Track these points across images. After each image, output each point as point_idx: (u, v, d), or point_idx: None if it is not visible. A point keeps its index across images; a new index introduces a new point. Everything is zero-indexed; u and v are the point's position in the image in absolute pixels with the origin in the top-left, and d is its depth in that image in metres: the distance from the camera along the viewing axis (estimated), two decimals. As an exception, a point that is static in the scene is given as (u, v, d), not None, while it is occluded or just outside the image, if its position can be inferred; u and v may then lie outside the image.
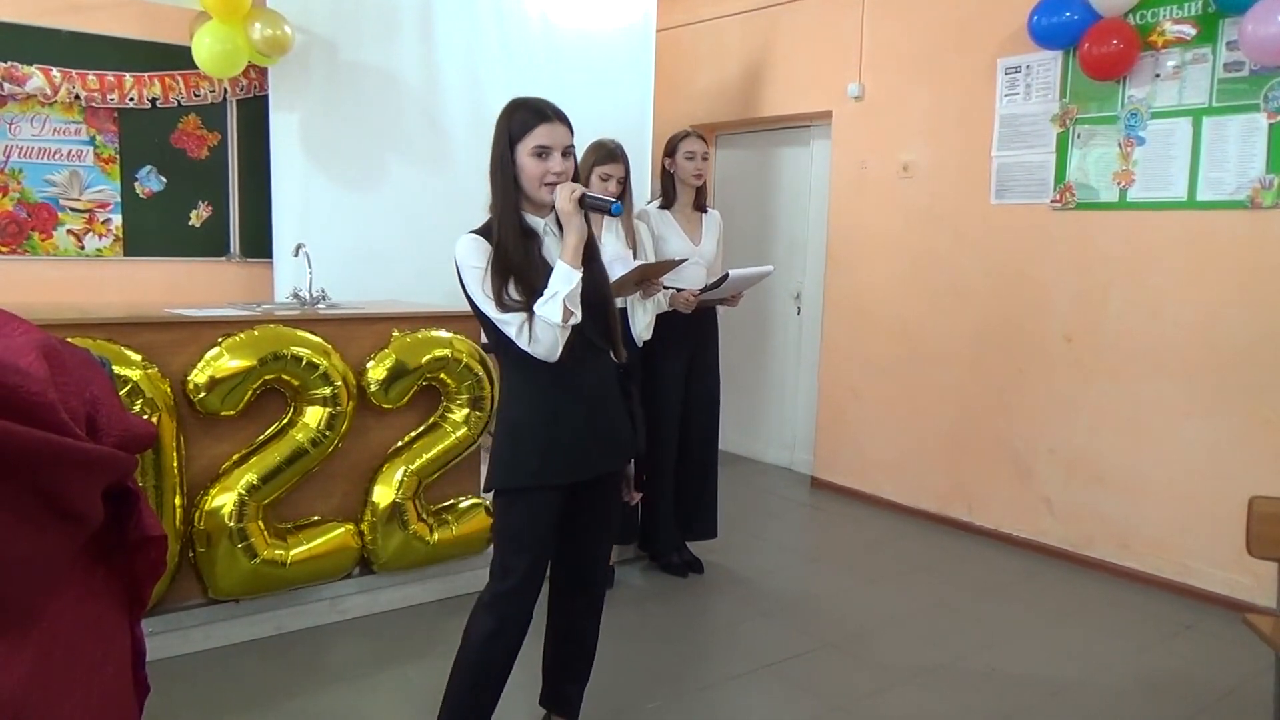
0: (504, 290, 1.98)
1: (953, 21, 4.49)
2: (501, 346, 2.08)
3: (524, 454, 2.10)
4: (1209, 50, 3.63)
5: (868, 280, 4.96)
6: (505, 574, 2.13)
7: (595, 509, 2.24)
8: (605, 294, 2.18)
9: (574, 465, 2.12)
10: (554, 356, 2.00)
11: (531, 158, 2.01)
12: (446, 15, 4.62)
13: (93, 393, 1.11)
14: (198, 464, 2.99)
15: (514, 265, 2.00)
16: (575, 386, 2.10)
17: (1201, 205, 3.69)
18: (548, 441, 2.09)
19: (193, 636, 3.01)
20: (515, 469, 2.11)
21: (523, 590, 2.13)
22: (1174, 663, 3.19)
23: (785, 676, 3.00)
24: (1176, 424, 3.79)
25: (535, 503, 2.11)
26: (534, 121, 2.02)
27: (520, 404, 2.12)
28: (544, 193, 2.02)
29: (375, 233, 4.43)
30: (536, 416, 2.10)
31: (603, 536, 2.33)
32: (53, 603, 1.05)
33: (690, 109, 5.77)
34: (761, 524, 4.65)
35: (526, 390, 2.11)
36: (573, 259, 1.98)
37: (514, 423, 2.13)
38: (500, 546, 2.16)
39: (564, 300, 1.95)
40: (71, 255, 4.31)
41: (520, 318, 1.98)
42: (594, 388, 2.14)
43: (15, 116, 4.12)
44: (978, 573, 4.00)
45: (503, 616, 2.13)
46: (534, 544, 2.13)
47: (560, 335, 1.98)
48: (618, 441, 2.21)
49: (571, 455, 2.11)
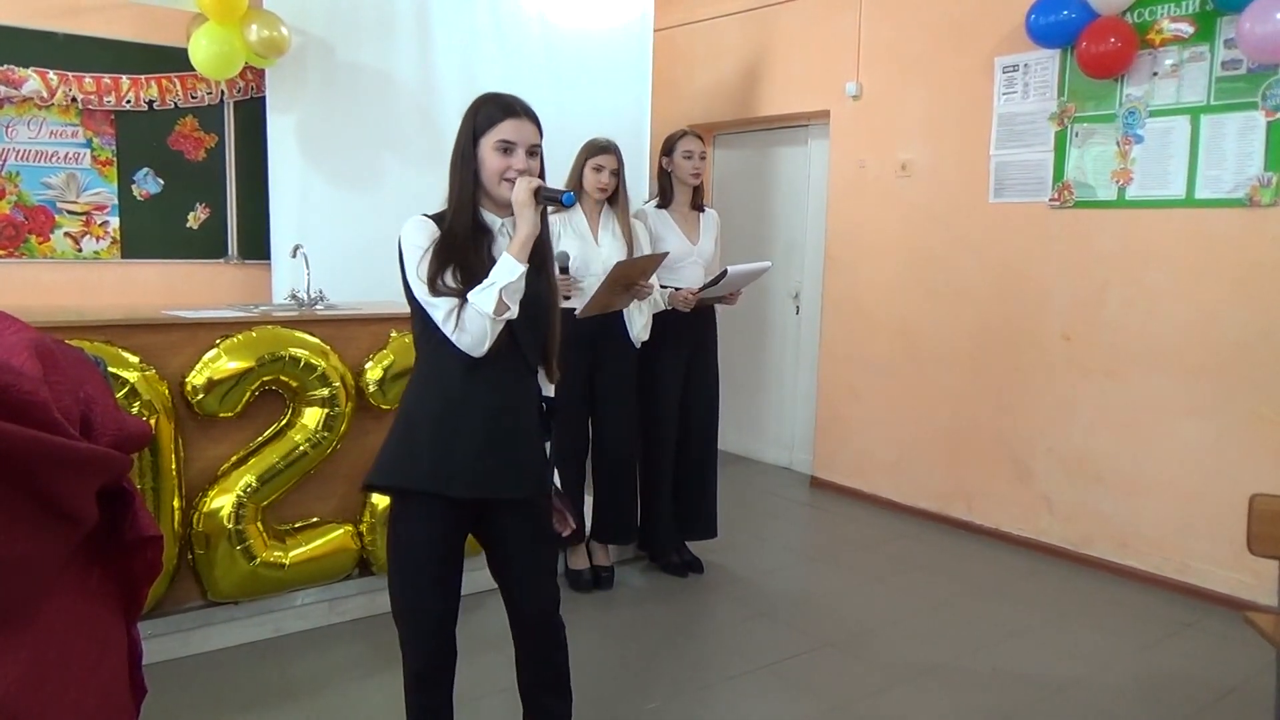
0: (440, 275, 1.87)
1: (950, 20, 4.49)
2: (425, 333, 1.95)
3: (415, 455, 1.93)
4: (1206, 48, 3.63)
5: (866, 279, 4.96)
6: (410, 643, 2.01)
7: (507, 541, 2.04)
8: (549, 305, 2.03)
9: (467, 480, 1.92)
10: (479, 350, 1.87)
11: (494, 152, 1.92)
12: (443, 16, 4.62)
13: (87, 392, 1.11)
14: (196, 466, 2.99)
15: (459, 254, 1.89)
16: (487, 399, 1.94)
17: (1200, 203, 3.68)
18: (443, 447, 1.92)
19: (192, 639, 3.00)
20: (403, 468, 1.95)
21: (435, 673, 2.04)
22: (1174, 662, 3.18)
23: (785, 676, 3.00)
24: (1175, 422, 3.79)
25: (425, 517, 1.94)
26: (500, 116, 1.93)
27: (424, 400, 1.97)
28: (503, 189, 1.92)
29: (372, 234, 4.39)
30: (437, 417, 1.94)
31: (534, 568, 2.08)
32: (48, 604, 1.04)
33: (688, 109, 5.77)
34: (761, 524, 4.65)
35: (435, 386, 1.95)
36: (519, 252, 1.86)
37: (412, 418, 1.97)
38: (397, 596, 2.00)
39: (500, 291, 1.83)
40: (69, 258, 4.31)
41: (451, 302, 1.86)
42: (507, 406, 1.97)
43: (12, 119, 4.12)
44: (977, 572, 4.00)
45: (420, 706, 2.05)
46: (424, 580, 1.96)
47: (490, 327, 1.85)
48: (521, 467, 2.00)
49: (465, 469, 1.92)
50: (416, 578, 1.99)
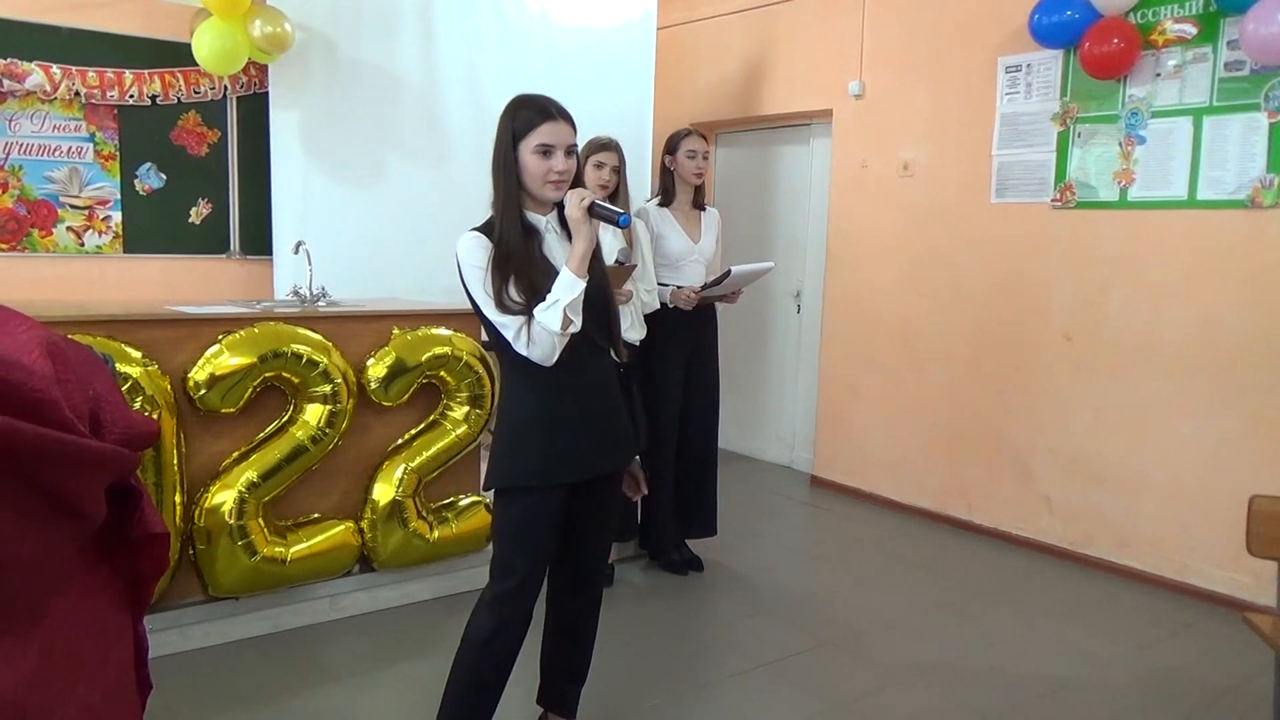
0: (504, 290, 1.97)
1: (953, 20, 4.49)
2: (501, 347, 2.08)
3: (524, 454, 2.10)
4: (1209, 49, 3.63)
5: (868, 279, 4.96)
6: (505, 574, 2.12)
7: (595, 509, 2.23)
8: (606, 293, 2.16)
9: (574, 465, 2.11)
10: (550, 361, 1.99)
11: (535, 156, 2.00)
12: (446, 12, 4.62)
13: (96, 390, 1.11)
14: (198, 461, 2.99)
15: (515, 263, 1.98)
16: (575, 386, 2.09)
17: (1202, 204, 3.69)
18: (548, 442, 2.08)
19: (192, 634, 3.01)
20: (515, 468, 2.11)
21: (523, 591, 2.12)
22: (1174, 662, 3.19)
23: (785, 675, 3.00)
24: (1176, 422, 3.80)
25: (536, 503, 2.10)
26: (538, 120, 2.01)
27: (520, 403, 2.11)
28: (547, 190, 2.02)
29: (375, 230, 4.43)
30: (537, 416, 2.09)
31: (603, 536, 2.32)
32: (57, 600, 1.05)
33: (690, 107, 5.77)
34: (761, 522, 4.65)
35: (527, 389, 2.09)
36: (578, 268, 1.96)
37: (514, 422, 2.12)
38: (500, 546, 2.15)
39: (564, 309, 1.93)
40: (71, 252, 4.31)
41: (519, 320, 1.97)
42: (594, 387, 2.13)
43: (15, 113, 4.12)
44: (977, 571, 4.00)
45: (502, 617, 2.12)
46: (535, 545, 2.12)
47: (558, 342, 1.98)
48: (618, 441, 2.21)
49: (572, 455, 2.10)
50: (539, 553, 2.14)
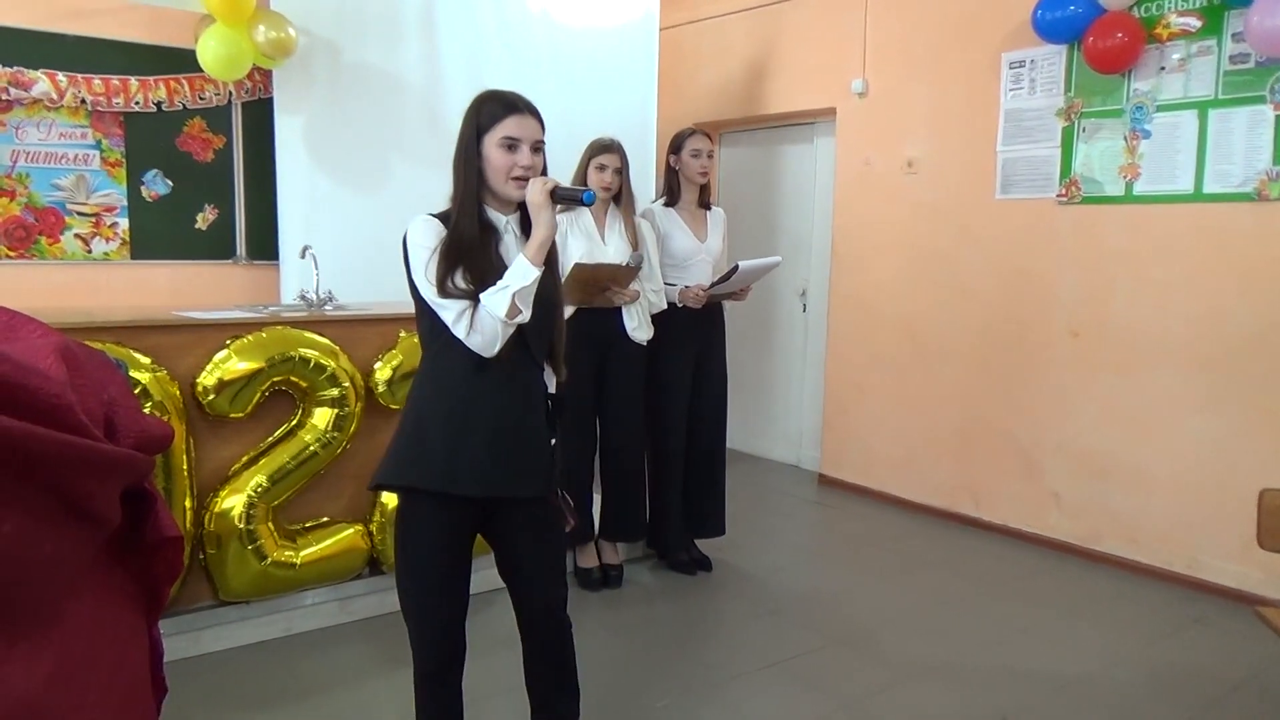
0: (449, 276, 1.85)
1: (956, 16, 4.49)
2: (431, 334, 1.94)
3: (426, 452, 1.92)
4: (1214, 42, 3.63)
5: (873, 277, 4.96)
6: (419, 643, 2.00)
7: (521, 535, 2.03)
8: (555, 304, 2.02)
9: (477, 477, 1.91)
10: (491, 351, 1.86)
11: (499, 149, 1.90)
12: (449, 15, 4.63)
13: (110, 394, 1.12)
14: (207, 466, 3.00)
15: (465, 254, 1.87)
16: (497, 395, 1.93)
17: (1208, 198, 3.68)
18: (454, 444, 1.91)
19: (203, 638, 3.01)
20: (414, 467, 1.93)
21: (444, 672, 2.02)
22: (1184, 656, 3.18)
23: (794, 674, 3.00)
24: (1184, 417, 3.79)
25: (431, 515, 1.94)
26: (503, 113, 1.91)
27: (435, 398, 1.94)
28: (509, 188, 1.91)
29: (380, 233, 4.38)
30: (449, 414, 1.92)
31: (541, 566, 2.08)
32: (72, 605, 1.05)
33: (694, 107, 5.77)
34: (769, 521, 4.65)
35: (445, 384, 1.93)
36: (535, 255, 1.84)
37: (421, 416, 1.95)
38: (406, 595, 1.99)
39: (514, 295, 1.81)
40: (79, 259, 4.33)
41: (462, 304, 1.85)
42: (517, 402, 1.96)
43: (22, 121, 4.14)
44: (986, 568, 4.00)
45: (423, 701, 2.04)
46: (428, 571, 1.96)
47: (502, 330, 1.85)
48: (531, 466, 1.99)
49: (478, 465, 1.91)
50: (425, 576, 1.98)
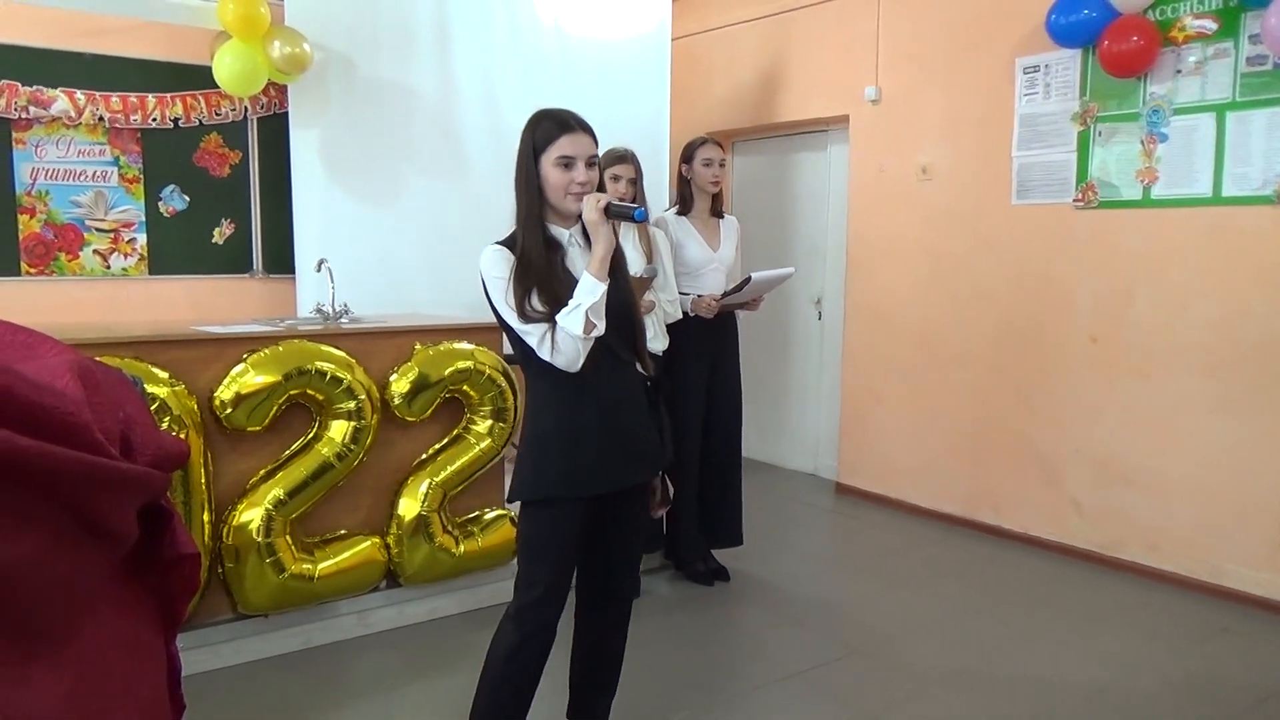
0: (526, 301, 1.99)
1: (969, 22, 4.47)
2: (525, 357, 2.09)
3: (547, 465, 2.10)
4: (1231, 44, 3.60)
5: (888, 284, 4.94)
6: (529, 587, 2.13)
7: (621, 521, 2.22)
8: (630, 305, 2.16)
9: (598, 477, 2.11)
10: (575, 367, 2.00)
11: (556, 168, 2.02)
12: (462, 29, 4.65)
13: (126, 412, 1.13)
14: (225, 480, 3.02)
15: (537, 276, 2.00)
16: (599, 398, 2.09)
17: (1227, 201, 3.64)
18: (572, 453, 2.09)
19: (222, 651, 3.02)
20: (539, 480, 2.11)
21: (547, 603, 2.13)
22: (1210, 666, 3.14)
23: (814, 684, 2.98)
24: (1205, 422, 3.74)
25: (559, 515, 2.11)
26: (557, 132, 2.03)
27: (544, 415, 2.12)
28: (569, 203, 2.03)
29: (396, 246, 4.46)
30: (561, 428, 2.09)
31: (629, 548, 2.32)
32: (89, 622, 1.05)
33: (706, 116, 5.77)
34: (787, 530, 4.63)
35: (551, 401, 2.10)
36: (599, 270, 1.97)
37: (538, 434, 2.13)
38: (524, 559, 2.17)
39: (587, 312, 1.94)
40: (98, 275, 4.37)
41: (542, 328, 1.98)
42: (618, 399, 2.13)
43: (41, 139, 4.19)
44: (1006, 577, 3.96)
45: (527, 630, 2.12)
46: (558, 556, 2.13)
47: (582, 347, 1.98)
48: (643, 454, 2.20)
49: (595, 467, 2.10)
50: (561, 563, 2.14)
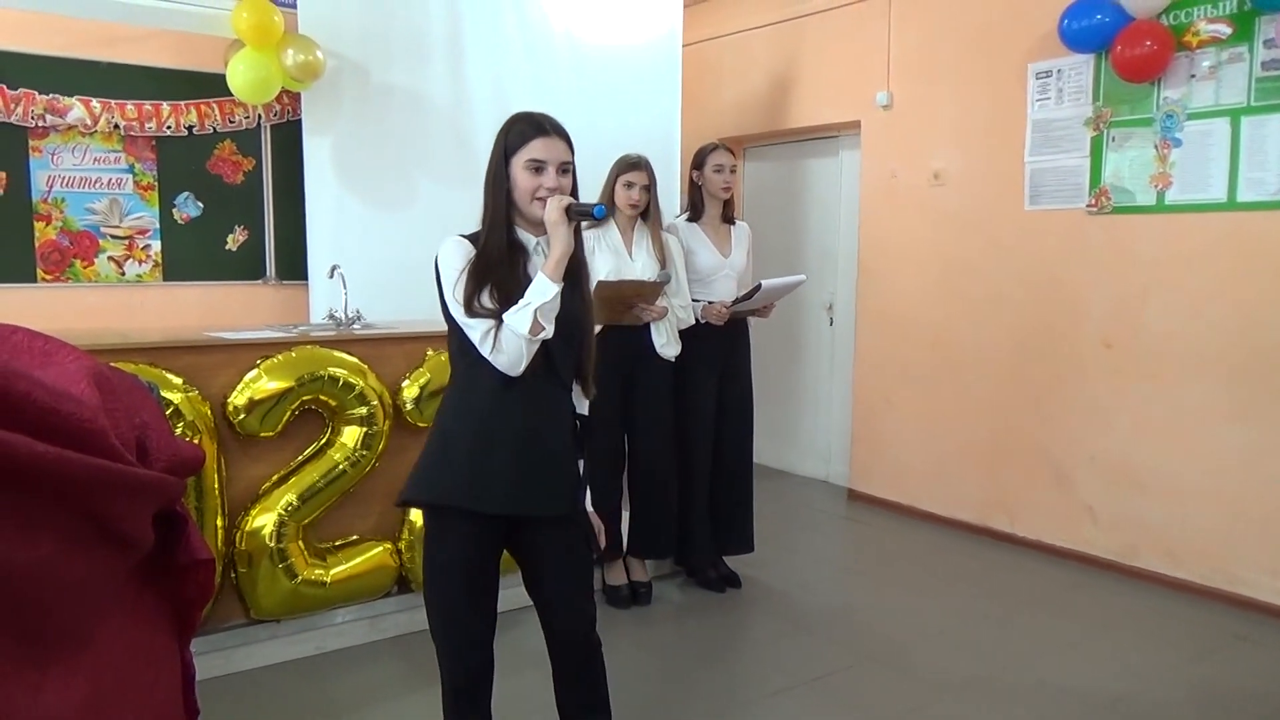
0: (476, 295, 1.89)
1: (981, 27, 4.46)
2: (461, 353, 1.97)
3: (452, 468, 1.96)
4: (1245, 49, 3.58)
5: (900, 289, 4.92)
6: (447, 659, 2.02)
7: (546, 555, 2.04)
8: (583, 323, 2.04)
9: (502, 494, 1.94)
10: (517, 370, 1.89)
11: (525, 171, 1.93)
12: (474, 36, 4.67)
13: (142, 418, 1.13)
14: (238, 485, 3.03)
15: (494, 274, 1.92)
16: (524, 412, 1.96)
17: (1242, 206, 3.62)
18: (481, 460, 1.94)
19: (235, 657, 3.03)
20: (440, 482, 1.97)
21: (472, 690, 2.04)
22: (1227, 675, 3.11)
23: (827, 692, 2.97)
24: (1221, 429, 3.71)
25: (457, 532, 1.96)
26: (531, 134, 1.95)
27: (462, 414, 1.98)
28: (535, 208, 1.94)
29: (408, 252, 4.43)
30: (476, 431, 1.96)
31: (569, 582, 2.08)
32: (105, 627, 1.06)
33: (718, 122, 5.77)
34: (798, 537, 4.61)
35: (473, 401, 1.97)
36: (553, 271, 1.87)
37: (448, 432, 1.99)
38: (426, 585, 2.03)
39: (535, 312, 1.85)
40: (112, 281, 4.39)
41: (487, 324, 1.89)
42: (544, 421, 1.99)
43: (57, 147, 4.22)
44: (1020, 584, 3.93)
45: (450, 685, 2.05)
46: (459, 581, 1.98)
47: (527, 348, 1.88)
48: (557, 485, 2.01)
49: (502, 482, 1.93)
50: (452, 593, 2.00)
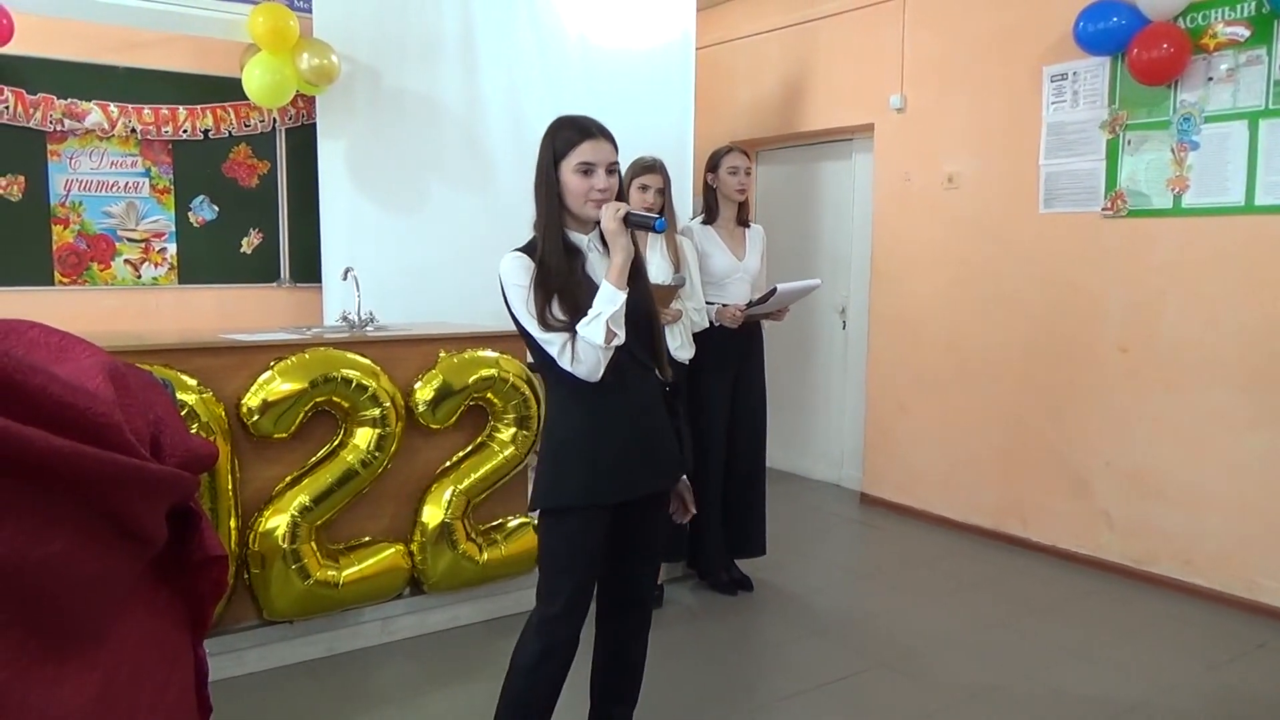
0: (547, 309, 1.97)
1: (996, 30, 4.45)
2: (545, 365, 2.08)
3: (568, 473, 2.09)
4: (1264, 51, 3.55)
5: (914, 293, 4.90)
6: (551, 597, 2.11)
7: (641, 528, 2.21)
8: (650, 311, 2.15)
9: (619, 485, 2.09)
10: (596, 377, 1.99)
11: (575, 175, 2.01)
12: (487, 39, 4.69)
13: (156, 414, 1.14)
14: (251, 486, 3.04)
15: (557, 283, 1.99)
16: (620, 405, 2.08)
17: (1260, 210, 3.59)
18: (592, 461, 2.07)
19: (247, 658, 3.04)
20: (560, 488, 2.10)
21: (569, 615, 2.11)
22: (1245, 683, 3.07)
23: (838, 697, 2.95)
24: (1239, 435, 3.68)
25: (580, 523, 2.09)
26: (578, 138, 2.02)
27: (565, 423, 2.11)
28: (588, 209, 2.02)
29: (421, 255, 4.49)
30: (581, 435, 2.08)
31: (649, 556, 2.29)
32: (119, 623, 1.06)
33: (731, 125, 5.77)
34: (811, 541, 4.59)
35: (571, 409, 2.09)
36: (618, 280, 1.96)
37: (558, 441, 2.12)
38: (545, 568, 2.15)
39: (607, 321, 1.93)
40: (129, 284, 4.43)
41: (563, 337, 1.97)
42: (639, 406, 2.12)
43: (75, 151, 4.26)
44: (1035, 590, 3.90)
45: (549, 641, 2.11)
46: (579, 565, 2.11)
47: (603, 356, 1.97)
48: (663, 461, 2.18)
49: (616, 475, 2.08)
50: (581, 574, 2.12)
